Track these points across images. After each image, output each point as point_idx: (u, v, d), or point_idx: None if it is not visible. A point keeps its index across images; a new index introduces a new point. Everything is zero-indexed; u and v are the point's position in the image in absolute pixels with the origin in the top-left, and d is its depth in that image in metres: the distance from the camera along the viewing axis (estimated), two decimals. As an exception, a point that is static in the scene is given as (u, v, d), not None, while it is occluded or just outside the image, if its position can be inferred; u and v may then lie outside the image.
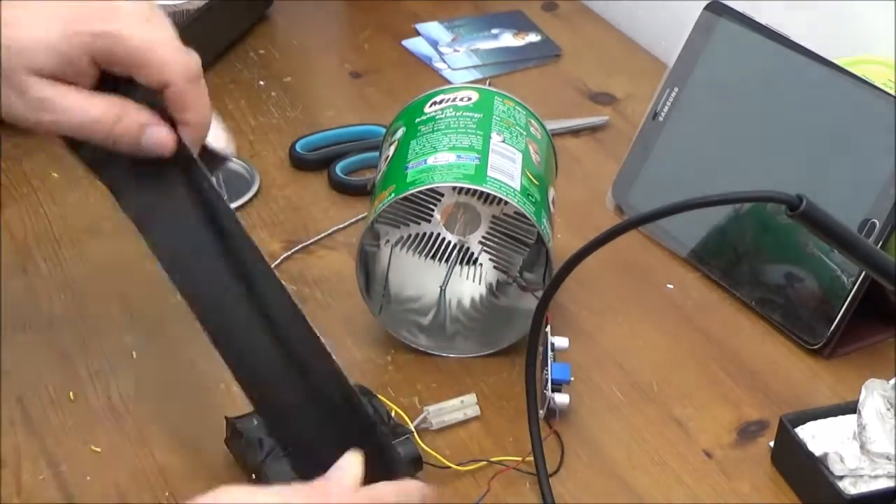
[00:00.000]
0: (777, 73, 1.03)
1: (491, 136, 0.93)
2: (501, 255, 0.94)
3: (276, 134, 1.18)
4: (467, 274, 0.95)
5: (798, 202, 0.69)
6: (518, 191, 0.90)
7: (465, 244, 0.94)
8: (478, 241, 0.94)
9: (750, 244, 1.00)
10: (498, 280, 0.94)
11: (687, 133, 1.07)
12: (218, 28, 1.29)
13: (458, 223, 0.94)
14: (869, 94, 0.97)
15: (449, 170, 0.90)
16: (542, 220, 0.91)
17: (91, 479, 0.83)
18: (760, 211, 0.99)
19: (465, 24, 1.37)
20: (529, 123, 0.97)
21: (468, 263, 0.95)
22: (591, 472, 0.85)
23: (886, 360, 0.94)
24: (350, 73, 1.28)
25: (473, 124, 0.94)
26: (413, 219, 0.93)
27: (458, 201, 0.93)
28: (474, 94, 0.97)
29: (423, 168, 0.91)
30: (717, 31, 1.07)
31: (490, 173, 0.90)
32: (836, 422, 0.85)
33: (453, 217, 0.94)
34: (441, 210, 0.93)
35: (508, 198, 0.89)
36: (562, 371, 0.88)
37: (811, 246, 0.96)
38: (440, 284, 0.95)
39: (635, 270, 1.03)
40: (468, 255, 0.94)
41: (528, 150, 0.94)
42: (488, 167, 0.90)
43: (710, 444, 0.87)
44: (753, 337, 0.97)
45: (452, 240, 0.94)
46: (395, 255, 0.94)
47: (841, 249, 0.73)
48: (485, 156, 0.91)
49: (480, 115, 0.95)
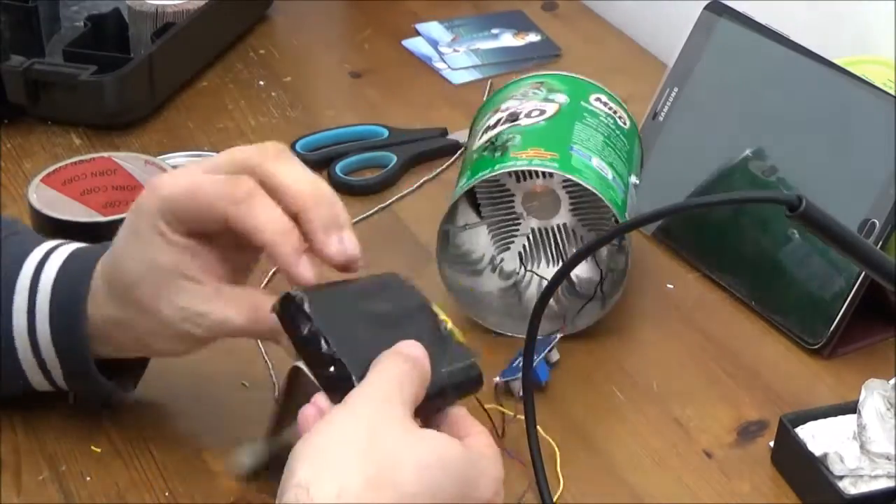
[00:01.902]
0: (777, 73, 1.03)
1: (630, 177, 0.96)
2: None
3: (276, 134, 1.18)
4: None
5: (798, 203, 0.69)
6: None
7: (548, 226, 0.97)
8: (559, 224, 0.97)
9: (750, 244, 1.00)
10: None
11: (687, 133, 1.07)
12: (218, 28, 1.29)
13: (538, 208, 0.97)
14: (869, 94, 0.97)
15: (607, 188, 0.92)
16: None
17: (91, 479, 0.83)
18: (760, 211, 0.99)
19: (465, 23, 1.37)
20: (619, 117, 1.00)
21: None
22: (591, 472, 0.85)
23: (886, 360, 0.94)
24: (350, 73, 1.28)
25: (625, 153, 0.97)
26: (493, 200, 0.97)
27: (528, 190, 0.96)
28: (627, 119, 1.00)
29: (586, 164, 0.92)
30: (717, 31, 1.07)
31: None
32: (836, 422, 0.85)
33: (534, 206, 0.97)
34: (520, 203, 0.97)
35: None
36: (542, 372, 0.89)
37: (811, 246, 0.96)
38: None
39: (635, 270, 1.02)
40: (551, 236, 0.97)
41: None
42: (627, 204, 0.93)
43: (710, 444, 0.87)
44: (753, 337, 0.97)
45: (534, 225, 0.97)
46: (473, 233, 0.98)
47: (841, 250, 0.73)
48: (626, 190, 0.94)
49: (628, 148, 0.98)
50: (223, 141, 1.17)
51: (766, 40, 1.04)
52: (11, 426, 0.86)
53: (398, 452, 0.65)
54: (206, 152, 1.14)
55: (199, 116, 1.21)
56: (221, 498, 0.81)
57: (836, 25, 1.15)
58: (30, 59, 1.16)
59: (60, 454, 0.85)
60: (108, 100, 1.15)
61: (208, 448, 0.85)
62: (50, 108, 1.17)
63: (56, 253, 0.82)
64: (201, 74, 1.27)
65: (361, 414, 0.67)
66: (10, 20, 1.20)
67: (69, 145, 1.16)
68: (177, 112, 1.21)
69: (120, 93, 1.16)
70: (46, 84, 1.16)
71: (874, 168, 0.94)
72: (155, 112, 1.20)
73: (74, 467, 0.84)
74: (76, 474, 0.83)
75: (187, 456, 0.84)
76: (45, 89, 1.16)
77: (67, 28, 1.29)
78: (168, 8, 1.23)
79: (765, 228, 0.99)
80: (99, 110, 1.16)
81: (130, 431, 0.86)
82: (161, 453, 0.85)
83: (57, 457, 0.84)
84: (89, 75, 1.15)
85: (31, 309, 0.80)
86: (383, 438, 0.66)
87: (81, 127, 1.18)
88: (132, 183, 0.98)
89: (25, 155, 1.14)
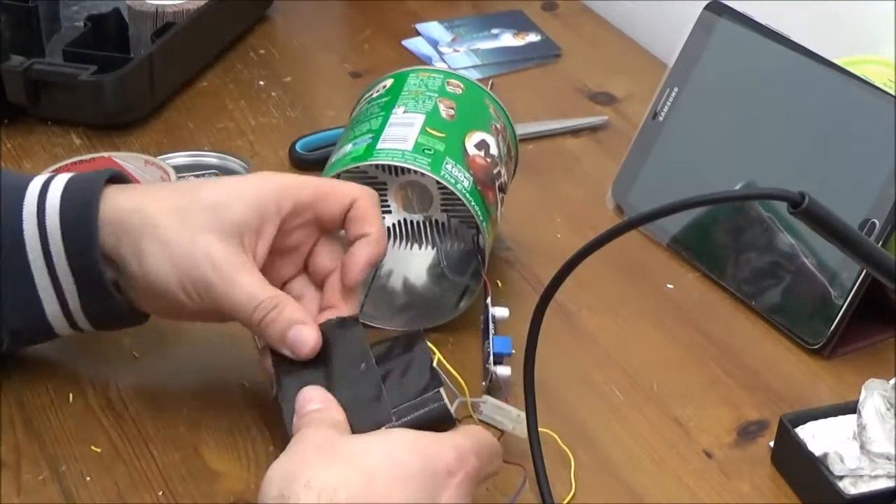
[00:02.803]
0: (777, 73, 1.03)
1: (393, 112, 0.95)
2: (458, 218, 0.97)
3: (276, 134, 1.18)
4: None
5: (801, 199, 0.69)
6: (409, 150, 0.91)
7: (432, 218, 0.97)
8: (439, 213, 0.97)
9: (750, 244, 1.00)
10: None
11: (687, 133, 1.07)
12: (218, 28, 1.29)
13: (412, 202, 0.97)
14: (869, 94, 0.97)
15: (342, 159, 0.93)
16: (441, 166, 0.91)
17: (91, 479, 0.83)
18: (760, 211, 0.99)
19: (465, 23, 1.37)
20: (447, 83, 0.99)
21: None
22: (592, 472, 0.85)
23: (886, 360, 0.94)
24: (350, 73, 1.28)
25: (378, 108, 0.97)
26: None
27: (402, 182, 0.96)
28: (389, 80, 1.00)
29: (330, 165, 0.94)
30: (717, 31, 1.07)
31: (380, 146, 0.92)
32: (836, 422, 0.85)
33: (407, 198, 0.97)
34: (393, 196, 0.96)
35: (395, 161, 0.91)
36: (503, 344, 0.88)
37: (811, 245, 0.96)
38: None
39: (635, 270, 1.03)
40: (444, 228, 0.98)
41: (436, 108, 0.96)
42: (380, 141, 0.93)
43: (710, 444, 0.87)
44: (753, 337, 0.97)
45: (418, 219, 0.96)
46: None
47: (842, 247, 0.73)
48: (379, 133, 0.93)
49: (388, 98, 0.98)
50: (223, 141, 1.17)
51: (766, 40, 1.04)
52: (11, 426, 0.86)
53: (362, 445, 0.72)
54: (206, 152, 1.15)
55: (199, 116, 1.21)
56: (221, 498, 0.81)
57: (836, 25, 1.15)
58: (30, 59, 1.16)
59: (60, 454, 0.85)
60: (108, 100, 1.15)
61: (208, 448, 0.85)
62: (50, 108, 1.17)
63: (55, 180, 0.84)
64: (201, 74, 1.27)
65: (317, 434, 0.73)
66: (10, 20, 1.20)
67: (69, 145, 1.16)
68: (177, 112, 1.21)
69: (120, 93, 1.16)
70: (46, 84, 1.16)
71: (874, 168, 0.94)
72: (155, 112, 1.20)
73: (74, 467, 0.84)
74: (76, 474, 0.83)
75: (187, 456, 0.84)
76: (45, 89, 1.16)
77: (67, 28, 1.29)
78: (168, 8, 1.23)
79: (765, 228, 0.99)
80: (99, 110, 1.16)
81: (130, 431, 0.86)
82: (161, 453, 0.85)
83: (57, 457, 0.84)
84: (89, 75, 1.15)
85: (42, 232, 0.82)
86: (344, 443, 0.72)
87: (81, 127, 1.18)
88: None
89: (25, 155, 1.14)
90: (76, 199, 0.82)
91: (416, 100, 0.97)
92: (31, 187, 0.83)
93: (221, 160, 1.14)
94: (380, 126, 0.94)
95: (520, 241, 1.05)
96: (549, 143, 1.18)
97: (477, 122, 0.97)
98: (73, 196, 0.82)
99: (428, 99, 0.97)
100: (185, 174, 1.11)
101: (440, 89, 0.98)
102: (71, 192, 0.82)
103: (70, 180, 0.83)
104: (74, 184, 0.83)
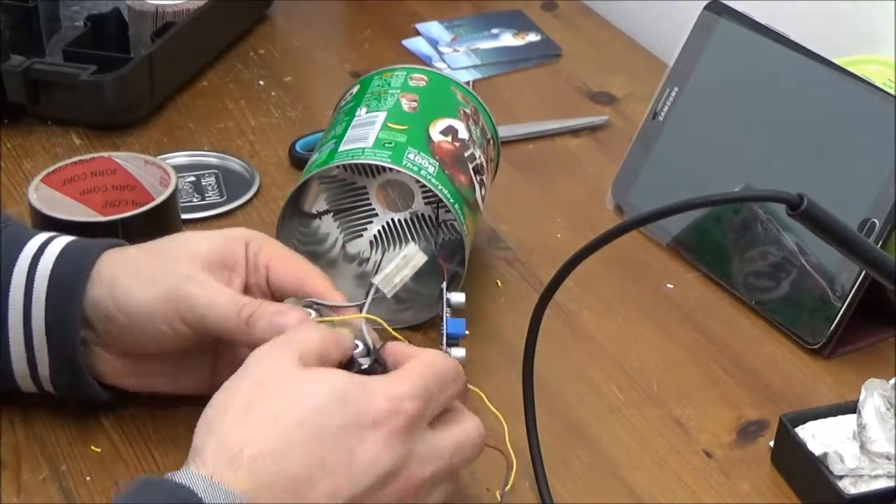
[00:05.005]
0: (777, 73, 1.03)
1: (356, 115, 0.96)
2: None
3: (276, 134, 1.18)
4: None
5: (799, 201, 0.69)
6: (369, 147, 0.92)
7: (418, 213, 0.97)
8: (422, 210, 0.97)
9: (750, 244, 1.00)
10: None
11: (687, 133, 1.07)
12: (218, 28, 1.29)
13: (395, 200, 0.97)
14: (869, 94, 0.97)
15: (308, 168, 0.94)
16: (402, 156, 0.92)
17: (91, 479, 0.83)
18: (760, 211, 0.99)
19: (465, 23, 1.37)
20: (409, 78, 0.99)
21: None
22: (591, 472, 0.85)
23: (886, 360, 0.94)
24: (350, 73, 1.28)
25: (344, 115, 0.98)
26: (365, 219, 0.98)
27: (381, 183, 0.96)
28: (356, 87, 1.01)
29: (302, 174, 0.95)
30: (717, 30, 1.07)
31: (342, 148, 0.93)
32: (836, 422, 0.85)
33: (390, 198, 0.97)
34: (375, 198, 0.97)
35: (356, 159, 0.92)
36: (457, 326, 0.87)
37: (811, 245, 0.96)
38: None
39: (635, 270, 1.03)
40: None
41: (398, 103, 0.96)
42: (342, 144, 0.93)
43: (710, 444, 0.87)
44: (753, 337, 0.97)
45: (404, 216, 0.96)
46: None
47: (841, 249, 0.73)
48: (342, 137, 0.94)
49: (353, 103, 0.98)
50: (223, 141, 1.17)
51: (765, 40, 1.04)
52: (11, 426, 0.86)
53: (292, 394, 0.72)
54: (206, 152, 1.15)
55: (199, 116, 1.21)
56: (221, 498, 0.81)
57: (836, 25, 1.15)
58: (30, 59, 1.16)
59: (60, 454, 0.85)
60: (108, 100, 1.15)
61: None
62: (50, 108, 1.17)
63: (53, 242, 0.84)
64: (201, 74, 1.27)
65: (260, 367, 0.74)
66: (10, 20, 1.20)
67: (69, 145, 1.16)
68: (177, 112, 1.21)
69: (120, 93, 1.16)
70: (46, 84, 1.16)
71: (874, 168, 0.94)
72: (155, 112, 1.20)
73: (74, 467, 0.84)
74: (76, 474, 0.83)
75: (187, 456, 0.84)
76: (45, 89, 1.16)
77: (67, 28, 1.29)
78: (168, 8, 1.23)
79: (765, 228, 0.99)
80: (99, 110, 1.16)
81: (130, 431, 0.86)
82: (161, 453, 0.85)
83: (57, 457, 0.84)
84: (89, 75, 1.15)
85: (27, 295, 0.81)
86: (278, 387, 0.72)
87: (81, 127, 1.18)
88: (132, 183, 0.98)
89: (25, 155, 1.14)
90: (71, 258, 0.83)
91: (378, 99, 0.97)
92: (28, 248, 0.83)
93: (221, 160, 1.14)
94: (343, 130, 0.95)
95: (520, 241, 1.05)
96: (549, 143, 1.18)
97: (442, 110, 0.98)
98: (68, 256, 0.83)
99: (390, 97, 0.97)
100: (185, 174, 1.11)
101: (403, 85, 0.99)
102: (68, 254, 0.83)
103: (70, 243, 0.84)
104: (73, 246, 0.84)
